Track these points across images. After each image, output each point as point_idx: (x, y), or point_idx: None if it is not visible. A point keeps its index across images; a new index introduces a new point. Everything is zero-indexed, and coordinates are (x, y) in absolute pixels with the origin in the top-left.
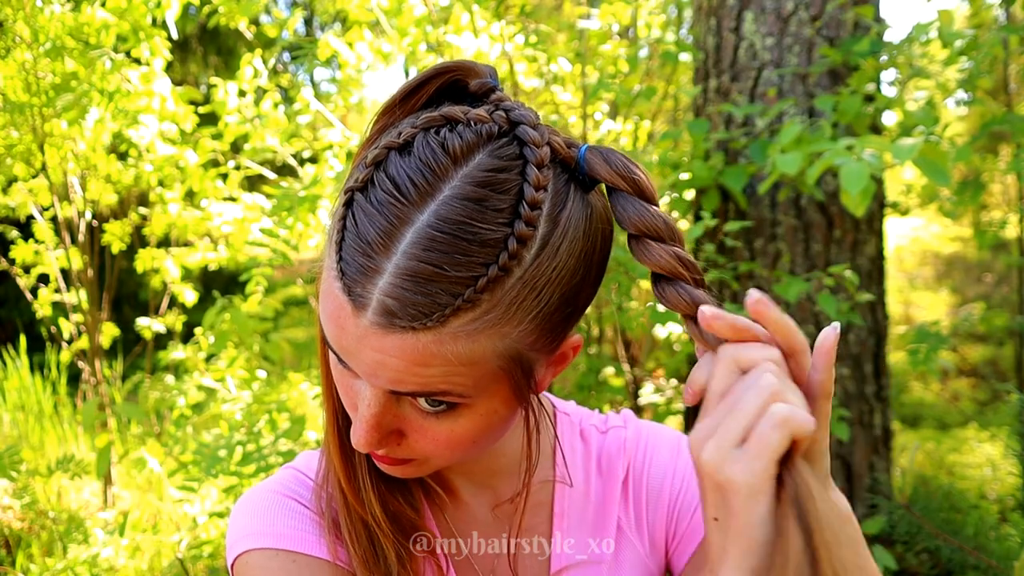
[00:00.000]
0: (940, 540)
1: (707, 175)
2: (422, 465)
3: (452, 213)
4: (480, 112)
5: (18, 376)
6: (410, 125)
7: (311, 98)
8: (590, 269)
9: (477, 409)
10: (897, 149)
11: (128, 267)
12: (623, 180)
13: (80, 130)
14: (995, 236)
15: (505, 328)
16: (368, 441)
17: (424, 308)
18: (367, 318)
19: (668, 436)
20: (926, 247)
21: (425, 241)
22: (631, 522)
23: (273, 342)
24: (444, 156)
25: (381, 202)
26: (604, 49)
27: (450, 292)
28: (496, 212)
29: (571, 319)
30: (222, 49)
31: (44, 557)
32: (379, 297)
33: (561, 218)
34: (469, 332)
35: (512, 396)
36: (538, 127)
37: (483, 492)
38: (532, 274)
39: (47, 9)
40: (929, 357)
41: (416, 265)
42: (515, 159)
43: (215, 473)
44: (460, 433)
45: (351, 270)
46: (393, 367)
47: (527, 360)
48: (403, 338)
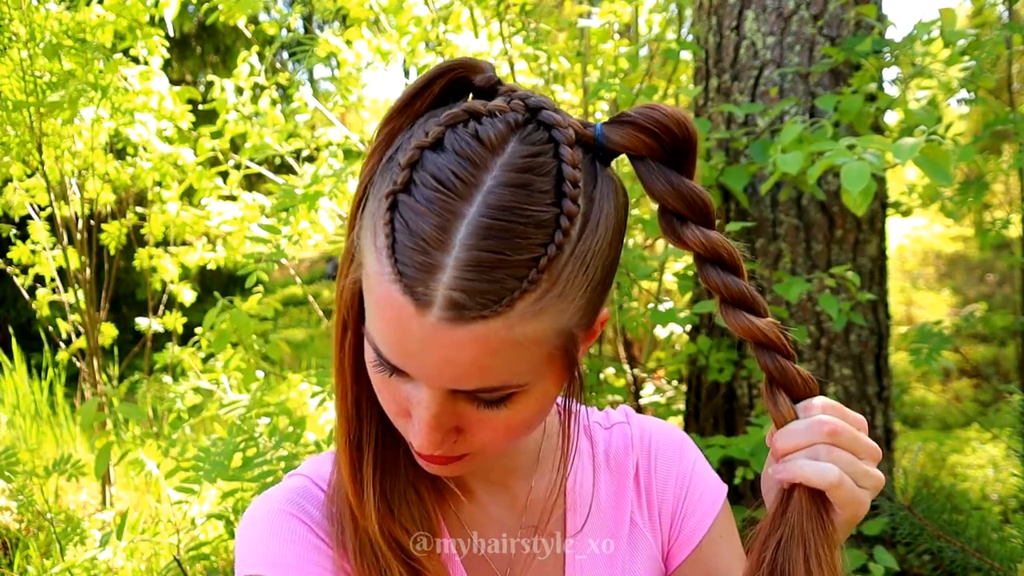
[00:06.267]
0: (942, 541)
1: (708, 175)
2: (475, 458)
3: (501, 200)
4: (499, 103)
5: (15, 377)
6: (435, 124)
7: (309, 97)
8: (620, 240)
9: (533, 393)
10: (898, 148)
11: (126, 266)
12: (644, 146)
13: (77, 129)
14: (997, 236)
15: (563, 305)
16: (431, 442)
17: (493, 295)
18: (434, 314)
19: (670, 436)
20: (928, 247)
21: (482, 231)
22: (644, 519)
23: (272, 342)
24: (480, 147)
25: (429, 199)
26: (605, 48)
27: (515, 276)
28: (542, 194)
29: (607, 291)
30: (220, 47)
31: (42, 558)
32: (444, 292)
33: (595, 195)
34: (535, 312)
35: (562, 375)
36: (558, 110)
37: (500, 492)
38: (580, 250)
39: (43, 7)
40: (931, 357)
41: (478, 255)
42: (546, 143)
43: (213, 478)
44: (518, 420)
45: (410, 270)
46: (460, 363)
47: (575, 337)
48: (474, 328)
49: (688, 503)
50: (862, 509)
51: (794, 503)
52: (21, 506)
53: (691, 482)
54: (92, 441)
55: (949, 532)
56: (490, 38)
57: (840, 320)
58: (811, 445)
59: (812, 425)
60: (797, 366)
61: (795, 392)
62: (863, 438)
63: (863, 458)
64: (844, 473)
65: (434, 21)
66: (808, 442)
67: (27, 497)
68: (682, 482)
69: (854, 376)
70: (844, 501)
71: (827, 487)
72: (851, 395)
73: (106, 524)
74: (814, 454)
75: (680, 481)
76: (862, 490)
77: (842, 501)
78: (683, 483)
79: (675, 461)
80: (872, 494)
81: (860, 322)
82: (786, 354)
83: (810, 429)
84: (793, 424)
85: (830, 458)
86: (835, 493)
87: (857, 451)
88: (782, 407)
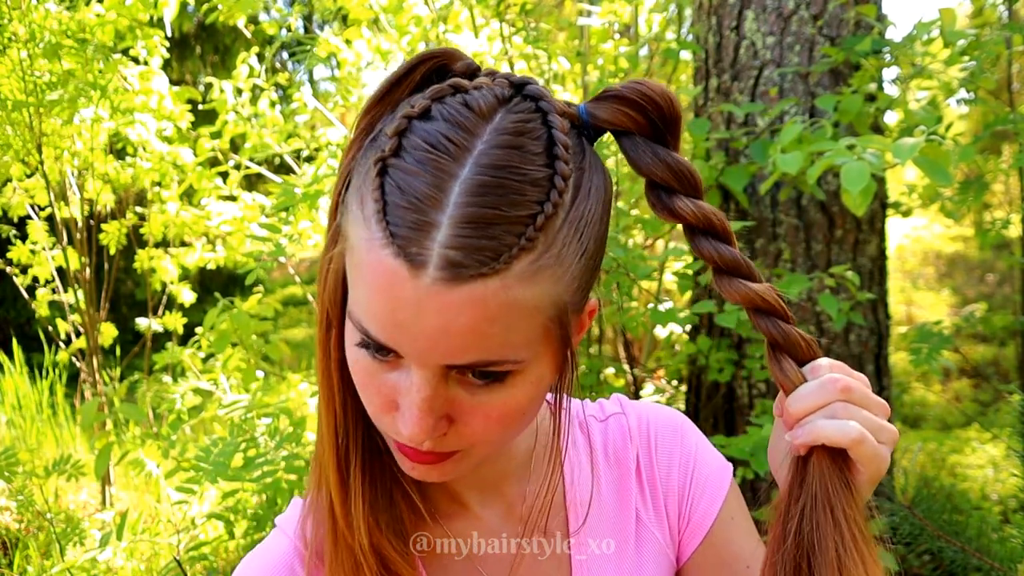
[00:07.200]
0: (942, 541)
1: (708, 175)
2: (465, 458)
3: (495, 160)
4: (483, 79)
5: (15, 377)
6: (421, 98)
7: (309, 97)
8: (607, 219)
9: (528, 375)
10: (898, 148)
11: (126, 267)
12: (630, 120)
13: (77, 129)
14: (997, 236)
15: (559, 271)
16: (423, 428)
17: (490, 252)
18: (429, 275)
19: (669, 420)
20: (928, 247)
21: (477, 188)
22: (650, 513)
23: (272, 342)
24: (471, 113)
25: (420, 160)
26: (605, 47)
27: (513, 232)
28: (535, 156)
29: (596, 272)
30: (220, 47)
31: (42, 558)
32: (440, 251)
33: (585, 165)
34: (532, 273)
35: (556, 359)
36: (540, 87)
37: (494, 500)
38: (574, 216)
39: (42, 7)
40: (931, 357)
41: (475, 211)
42: (534, 111)
43: (214, 479)
44: (513, 405)
45: (402, 231)
46: (457, 331)
47: (569, 315)
48: (472, 288)
49: (694, 489)
50: (884, 464)
51: (813, 468)
52: (21, 506)
53: (695, 466)
54: (92, 441)
55: (949, 532)
56: (490, 38)
57: (840, 320)
58: (827, 404)
59: (825, 384)
60: (797, 328)
61: (799, 355)
62: (873, 395)
63: (877, 413)
64: (864, 429)
65: (434, 21)
66: (824, 401)
67: (27, 497)
68: (686, 468)
69: None
70: (867, 457)
71: (850, 444)
72: None
73: (106, 524)
74: (831, 413)
75: (684, 467)
76: (881, 445)
77: (865, 458)
78: (687, 468)
79: (676, 446)
80: (890, 448)
81: (860, 322)
82: (786, 318)
83: (823, 388)
84: (804, 387)
85: (848, 414)
86: (858, 450)
87: (870, 407)
88: (789, 372)
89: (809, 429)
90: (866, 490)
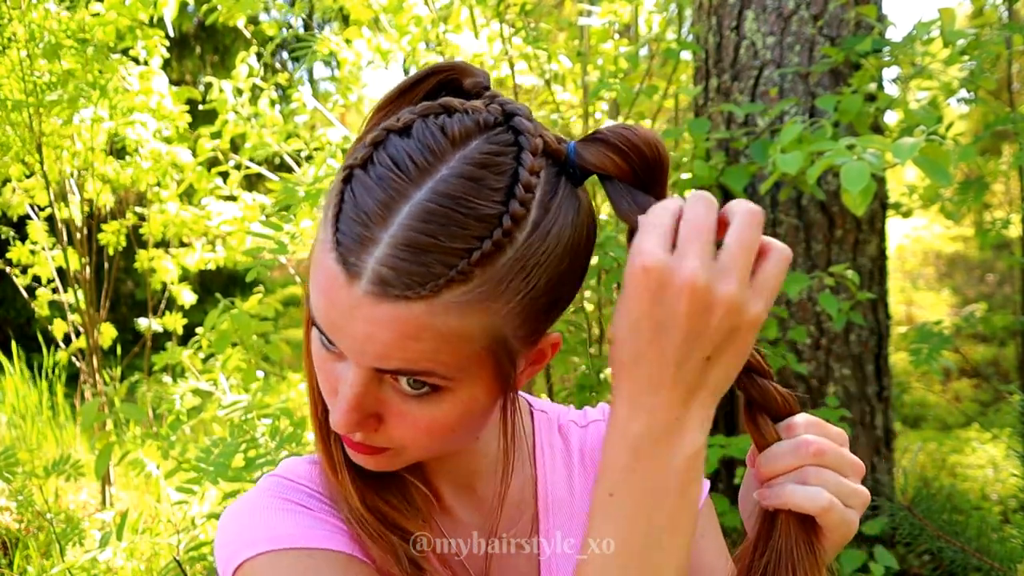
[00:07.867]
0: (942, 541)
1: (708, 175)
2: (396, 456)
3: (449, 189)
4: (477, 103)
5: (15, 377)
6: (408, 112)
7: (308, 97)
8: (576, 260)
9: (459, 395)
10: (898, 148)
11: (126, 267)
12: (613, 165)
13: (76, 129)
14: (997, 236)
15: (495, 305)
16: (347, 422)
17: (418, 277)
18: (361, 287)
19: None
20: (928, 247)
21: (422, 214)
22: None
23: (273, 342)
24: (443, 138)
25: (380, 177)
26: (605, 48)
27: (445, 263)
28: (492, 191)
29: (553, 311)
30: (219, 47)
31: (42, 558)
32: (374, 266)
33: (552, 205)
34: (461, 305)
35: (494, 385)
36: (532, 120)
37: (465, 494)
38: (523, 254)
39: (42, 7)
40: (931, 357)
41: (412, 236)
42: (510, 145)
43: (215, 479)
44: (440, 420)
45: (347, 240)
46: (382, 340)
47: (510, 347)
48: (396, 307)
49: None
50: (852, 529)
51: (780, 527)
52: (21, 506)
53: None
54: (92, 441)
55: (949, 532)
56: (490, 38)
57: (840, 320)
58: (799, 467)
59: (798, 446)
60: (775, 384)
61: (776, 410)
62: (847, 455)
63: (849, 476)
64: (833, 496)
65: (434, 21)
66: (796, 464)
67: (27, 497)
68: None
69: (854, 376)
70: (834, 524)
71: (818, 512)
72: (851, 395)
73: (106, 524)
74: (802, 477)
75: None
76: (850, 510)
77: (832, 525)
78: None
79: None
80: (859, 512)
81: (860, 322)
82: (764, 374)
83: (796, 451)
84: (777, 446)
85: (819, 480)
86: (825, 517)
87: (843, 469)
88: (763, 429)
89: (778, 492)
90: (831, 553)
